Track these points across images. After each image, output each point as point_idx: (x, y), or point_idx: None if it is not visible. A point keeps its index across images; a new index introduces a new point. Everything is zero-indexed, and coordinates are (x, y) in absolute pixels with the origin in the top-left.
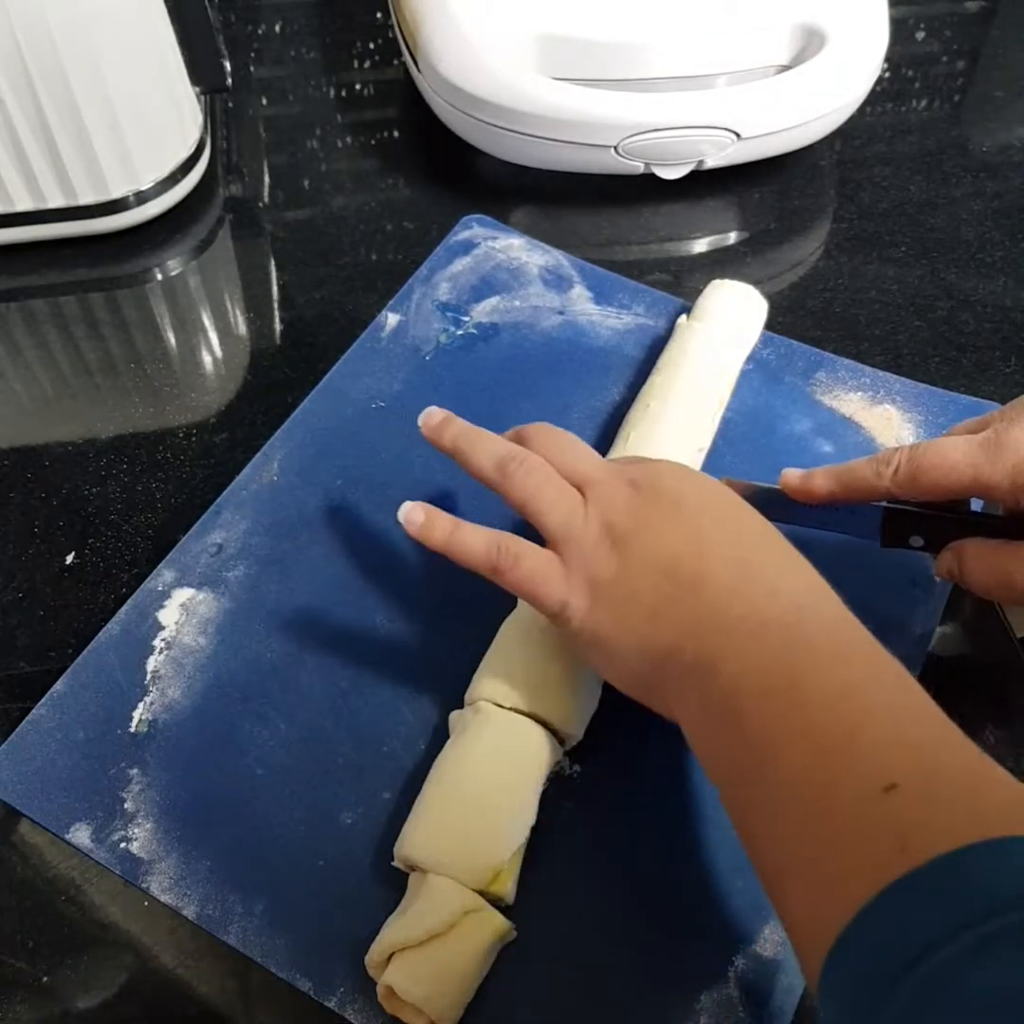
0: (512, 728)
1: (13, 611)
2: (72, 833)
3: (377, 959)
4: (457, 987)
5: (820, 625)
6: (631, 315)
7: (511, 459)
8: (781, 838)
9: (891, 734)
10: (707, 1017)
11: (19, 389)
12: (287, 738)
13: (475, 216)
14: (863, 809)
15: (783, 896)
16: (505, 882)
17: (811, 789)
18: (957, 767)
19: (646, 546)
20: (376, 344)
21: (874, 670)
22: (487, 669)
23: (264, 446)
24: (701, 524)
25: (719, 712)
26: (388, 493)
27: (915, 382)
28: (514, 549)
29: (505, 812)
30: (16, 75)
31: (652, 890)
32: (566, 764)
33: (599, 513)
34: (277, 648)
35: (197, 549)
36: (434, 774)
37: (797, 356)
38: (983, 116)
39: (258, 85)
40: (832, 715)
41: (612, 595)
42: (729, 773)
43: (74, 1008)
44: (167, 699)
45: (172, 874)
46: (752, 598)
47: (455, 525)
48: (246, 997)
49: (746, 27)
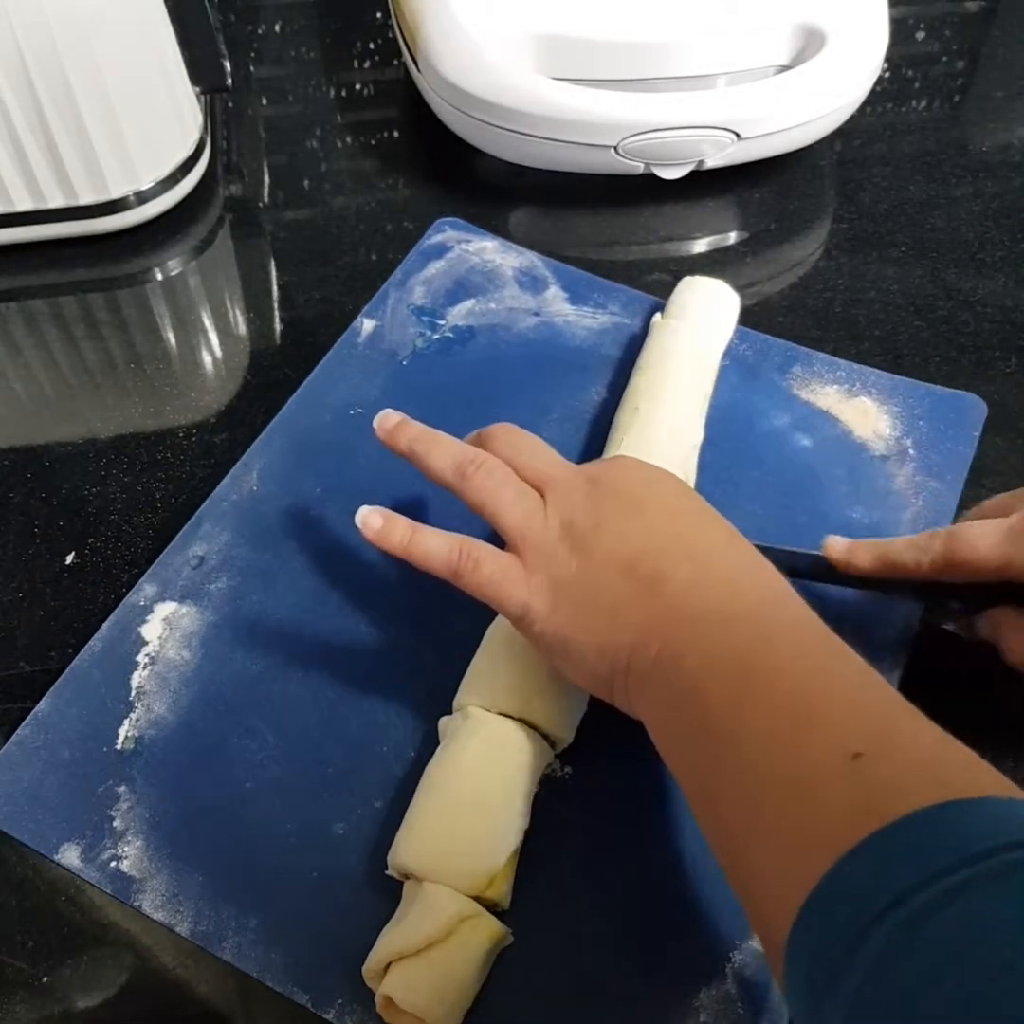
0: (502, 732)
1: (13, 611)
2: (61, 854)
3: (374, 969)
4: (456, 994)
5: (780, 622)
6: (606, 314)
7: (469, 462)
8: (746, 813)
9: (853, 709)
10: (706, 1014)
11: (19, 389)
12: (275, 750)
13: (448, 219)
14: (830, 777)
15: (748, 873)
16: (500, 887)
17: (776, 762)
18: (919, 735)
19: (606, 545)
20: (352, 350)
21: (835, 662)
22: (474, 674)
23: (243, 456)
24: (661, 522)
25: (682, 701)
26: (369, 500)
27: (890, 374)
28: (474, 553)
29: (498, 817)
30: (16, 75)
31: (647, 889)
32: (557, 766)
33: (558, 513)
34: (262, 660)
35: (178, 562)
36: (425, 781)
37: (773, 351)
38: (983, 116)
39: (258, 85)
40: (795, 695)
41: (573, 596)
42: (693, 759)
43: (74, 1008)
44: (153, 715)
45: (164, 891)
46: (713, 596)
47: (413, 529)
48: (245, 997)
49: (746, 27)
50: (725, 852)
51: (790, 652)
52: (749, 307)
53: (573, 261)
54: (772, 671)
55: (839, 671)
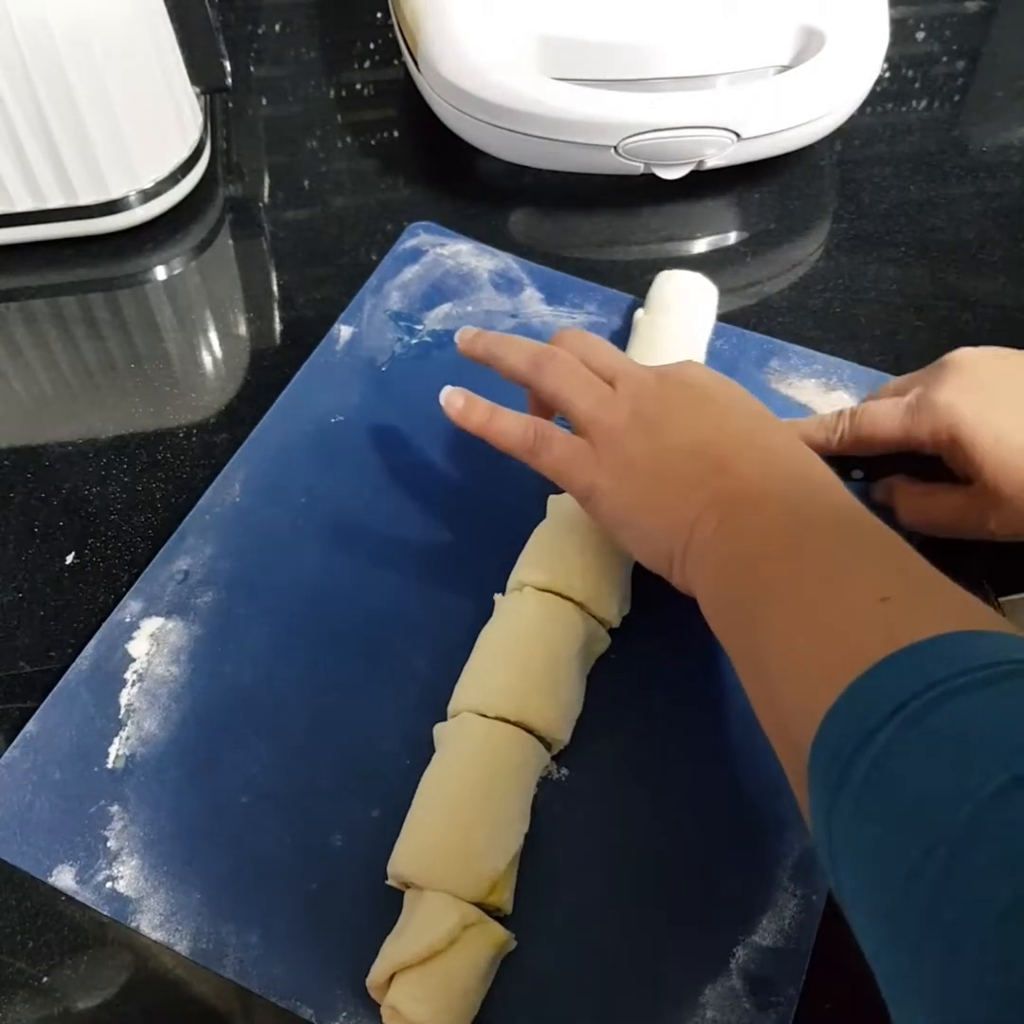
0: (498, 737)
1: (13, 611)
2: (55, 876)
3: (379, 980)
4: (461, 1002)
5: (830, 503)
6: (583, 314)
7: (543, 354)
8: (784, 658)
9: (883, 567)
10: (712, 1010)
11: (19, 389)
12: (270, 763)
13: (421, 223)
14: (859, 615)
15: (781, 710)
16: (502, 892)
17: (814, 607)
18: (941, 585)
19: (674, 432)
20: (331, 358)
21: (874, 534)
22: (469, 679)
23: (224, 468)
24: (726, 415)
25: (736, 568)
26: (353, 508)
27: (865, 368)
28: (548, 434)
29: (497, 822)
30: (16, 75)
31: (647, 888)
32: (554, 768)
33: (628, 402)
34: (252, 672)
35: (163, 577)
36: (423, 789)
37: (750, 345)
38: (983, 116)
39: (258, 85)
40: (835, 552)
41: (641, 478)
42: (741, 621)
43: (74, 1008)
44: (143, 732)
45: (162, 910)
46: (773, 479)
47: (492, 410)
48: (245, 997)
49: (746, 27)
50: (765, 700)
51: (835, 530)
52: (749, 307)
53: (573, 261)
54: (818, 547)
55: (876, 540)
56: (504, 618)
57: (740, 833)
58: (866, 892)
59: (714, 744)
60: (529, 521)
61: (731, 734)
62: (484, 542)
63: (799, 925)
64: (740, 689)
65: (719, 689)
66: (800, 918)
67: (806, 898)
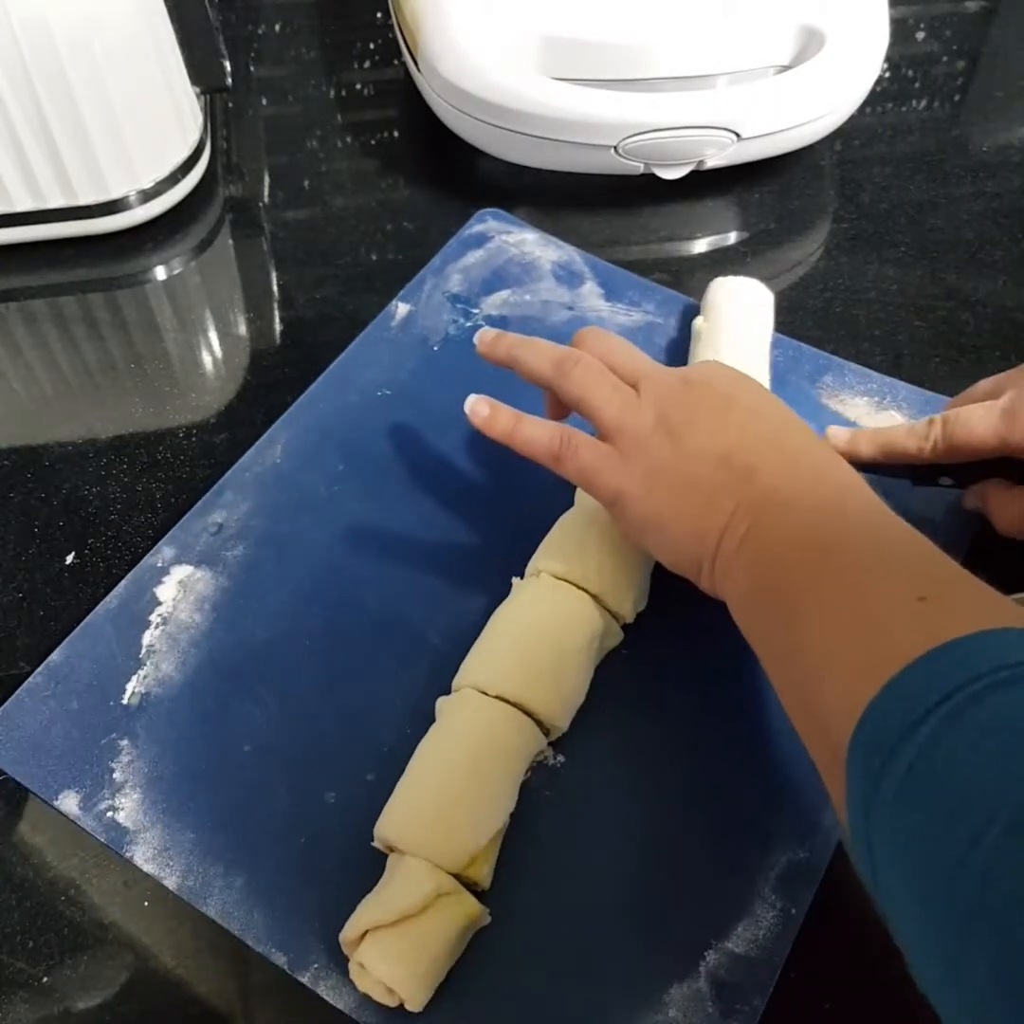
0: (495, 716)
1: (13, 611)
2: (60, 800)
3: (351, 936)
4: (427, 967)
5: (856, 509)
6: (640, 312)
7: (567, 358)
8: (820, 655)
9: (917, 569)
10: (676, 1010)
11: (19, 389)
12: (276, 717)
13: (490, 210)
14: (898, 613)
15: (818, 703)
16: (481, 867)
17: (851, 607)
18: (974, 584)
19: (699, 437)
20: (385, 333)
21: (900, 532)
22: (476, 657)
23: (268, 430)
24: (750, 419)
25: (766, 574)
26: (389, 481)
27: (921, 389)
28: (574, 440)
29: (483, 798)
30: (16, 75)
31: (626, 881)
32: (550, 754)
33: (653, 406)
34: (270, 628)
35: (198, 527)
36: (416, 758)
37: (805, 359)
38: (983, 116)
39: (258, 85)
40: (869, 554)
41: (668, 482)
42: (773, 624)
43: (74, 1008)
44: (160, 673)
45: (156, 844)
46: (800, 484)
47: (517, 418)
48: (245, 997)
49: (746, 27)
50: (799, 700)
51: (865, 533)
52: None
53: None
54: (850, 551)
55: (907, 542)
56: (518, 601)
57: (727, 839)
58: (908, 879)
59: (713, 751)
60: (558, 508)
61: (731, 744)
62: (511, 525)
63: (775, 937)
64: (749, 700)
65: (727, 696)
66: (777, 930)
67: (785, 911)
